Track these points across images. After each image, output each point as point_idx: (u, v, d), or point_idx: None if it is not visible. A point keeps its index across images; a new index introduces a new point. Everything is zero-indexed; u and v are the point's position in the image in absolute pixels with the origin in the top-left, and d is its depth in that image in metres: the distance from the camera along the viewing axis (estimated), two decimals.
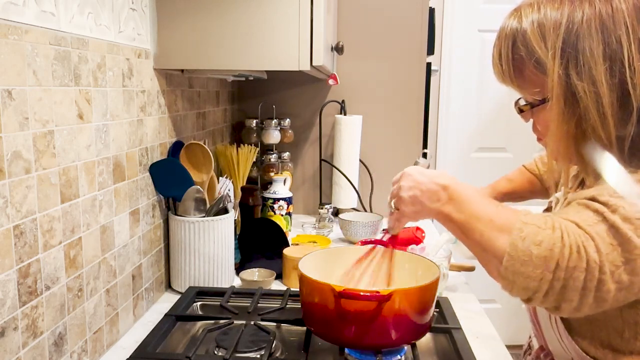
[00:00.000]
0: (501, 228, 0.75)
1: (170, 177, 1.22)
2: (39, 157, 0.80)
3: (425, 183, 0.83)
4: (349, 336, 0.90)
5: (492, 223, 0.76)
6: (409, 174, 0.87)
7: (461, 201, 0.80)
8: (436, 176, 0.84)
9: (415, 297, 0.90)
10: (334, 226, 1.78)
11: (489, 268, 0.78)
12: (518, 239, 0.73)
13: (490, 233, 0.75)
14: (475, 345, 1.02)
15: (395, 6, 1.94)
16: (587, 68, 0.77)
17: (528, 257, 0.71)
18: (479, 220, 0.77)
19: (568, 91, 0.79)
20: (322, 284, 0.89)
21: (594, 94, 0.77)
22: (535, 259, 0.71)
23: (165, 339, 1.03)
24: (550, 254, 0.70)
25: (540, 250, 0.71)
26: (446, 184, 0.82)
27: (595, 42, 0.77)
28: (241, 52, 1.21)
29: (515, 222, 0.74)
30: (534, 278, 0.71)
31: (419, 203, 0.84)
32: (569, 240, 0.71)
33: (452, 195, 0.81)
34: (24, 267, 0.77)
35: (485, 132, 2.87)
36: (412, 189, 0.85)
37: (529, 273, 0.71)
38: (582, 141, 0.81)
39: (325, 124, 2.00)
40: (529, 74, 0.83)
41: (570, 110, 0.80)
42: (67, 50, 0.86)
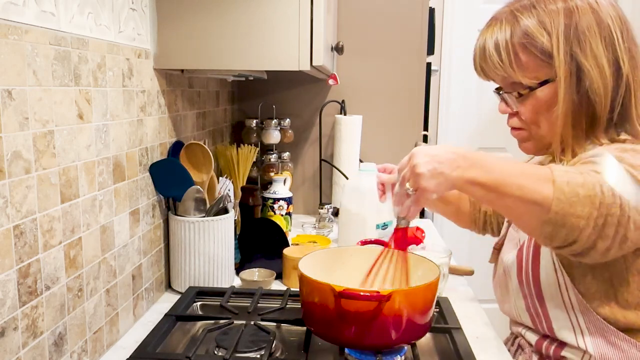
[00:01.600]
0: (541, 178, 0.79)
1: (170, 177, 1.22)
2: (39, 157, 0.80)
3: (441, 154, 0.83)
4: (349, 336, 0.90)
5: (530, 175, 0.80)
6: (419, 151, 0.85)
7: (485, 162, 0.81)
8: (448, 146, 0.85)
9: (415, 297, 0.90)
10: (334, 226, 1.78)
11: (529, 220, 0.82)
12: (563, 184, 0.77)
13: (531, 184, 0.79)
14: (475, 345, 1.02)
15: (395, 6, 1.94)
16: (588, 46, 0.91)
17: (576, 198, 0.77)
18: (514, 175, 0.80)
19: (574, 68, 0.92)
20: (322, 284, 0.89)
21: (597, 68, 0.91)
22: (583, 198, 0.77)
23: (165, 339, 1.03)
24: (594, 193, 0.77)
25: (585, 190, 0.77)
26: (462, 152, 0.83)
27: (592, 25, 0.92)
28: (241, 52, 1.21)
29: (552, 171, 0.79)
30: (583, 216, 0.77)
31: (440, 174, 0.82)
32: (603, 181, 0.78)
33: (474, 160, 0.82)
34: (24, 267, 0.77)
35: (485, 132, 2.87)
36: (429, 162, 0.83)
37: (578, 213, 0.77)
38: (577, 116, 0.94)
39: (325, 124, 2.00)
40: (528, 60, 0.94)
41: (577, 86, 0.92)
42: (67, 50, 0.86)
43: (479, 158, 0.82)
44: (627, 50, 0.93)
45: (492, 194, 0.81)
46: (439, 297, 1.16)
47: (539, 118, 0.98)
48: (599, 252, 0.79)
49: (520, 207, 0.80)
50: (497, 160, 0.82)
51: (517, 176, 0.79)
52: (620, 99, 0.93)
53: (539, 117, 0.98)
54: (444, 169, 0.82)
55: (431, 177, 0.83)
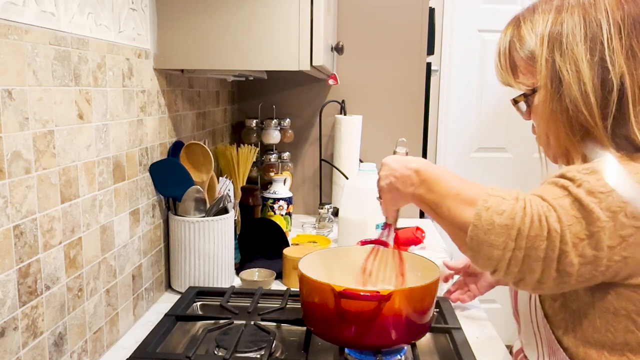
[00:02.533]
0: (467, 201, 0.78)
1: (170, 177, 1.22)
2: (39, 157, 0.80)
3: (398, 169, 0.88)
4: (349, 336, 0.90)
5: (459, 197, 0.79)
6: (385, 163, 0.91)
7: (431, 181, 0.84)
8: (409, 161, 0.88)
9: (415, 297, 0.90)
10: (334, 226, 1.78)
11: (457, 242, 0.82)
12: (482, 210, 0.76)
13: (457, 207, 0.79)
14: (475, 345, 1.02)
15: (395, 6, 1.94)
16: (569, 49, 0.84)
17: (491, 226, 0.74)
18: (447, 197, 0.81)
19: (554, 74, 0.85)
20: (322, 284, 0.89)
21: (575, 72, 0.83)
22: (498, 227, 0.74)
23: (165, 339, 1.03)
24: (512, 222, 0.73)
25: (502, 218, 0.74)
26: (417, 167, 0.86)
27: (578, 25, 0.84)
28: (241, 52, 1.21)
29: (481, 194, 0.78)
30: (497, 246, 0.74)
31: (395, 189, 0.88)
32: (530, 210, 0.74)
33: (423, 177, 0.85)
34: (24, 267, 0.77)
35: (485, 132, 2.87)
36: (388, 177, 0.89)
37: (492, 241, 0.74)
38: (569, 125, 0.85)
39: (325, 124, 2.00)
40: (521, 66, 0.90)
41: (555, 92, 0.85)
42: (67, 50, 0.86)
43: (428, 175, 0.84)
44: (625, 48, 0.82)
45: (432, 213, 0.84)
46: (439, 297, 1.16)
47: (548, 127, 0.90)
48: (529, 284, 0.75)
49: (449, 228, 0.82)
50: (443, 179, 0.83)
51: (449, 197, 0.80)
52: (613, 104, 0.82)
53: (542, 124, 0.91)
54: (398, 185, 0.88)
55: (388, 191, 0.90)
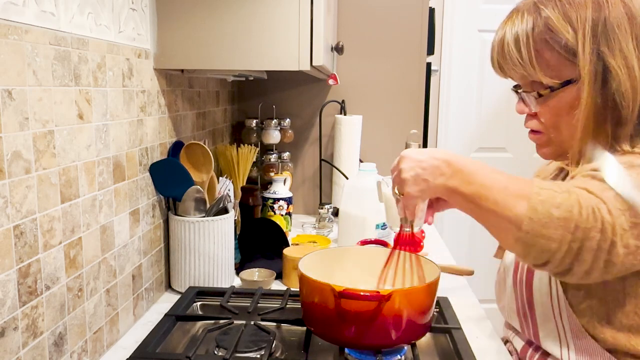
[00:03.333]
0: (517, 194, 0.76)
1: (170, 177, 1.22)
2: (39, 157, 0.80)
3: (425, 160, 0.83)
4: (349, 336, 0.90)
5: (507, 190, 0.77)
6: (407, 155, 0.86)
7: (468, 172, 0.80)
8: (434, 152, 0.84)
9: (415, 297, 0.90)
10: (334, 226, 1.78)
11: (504, 235, 0.79)
12: (537, 203, 0.74)
13: (506, 200, 0.76)
14: (475, 345, 1.02)
15: (395, 6, 1.94)
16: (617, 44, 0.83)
17: (549, 219, 0.73)
18: (491, 189, 0.78)
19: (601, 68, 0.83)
20: (322, 284, 0.89)
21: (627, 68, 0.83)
22: (556, 220, 0.73)
23: (165, 339, 1.03)
24: (570, 215, 0.73)
25: (560, 211, 0.73)
26: (446, 158, 0.82)
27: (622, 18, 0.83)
28: (241, 52, 1.21)
29: (532, 187, 0.76)
30: (555, 239, 0.73)
31: (423, 181, 0.83)
32: (584, 202, 0.73)
33: (456, 168, 0.81)
34: (24, 267, 0.77)
35: (485, 132, 2.87)
36: (413, 168, 0.84)
37: (550, 234, 0.73)
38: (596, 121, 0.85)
39: (325, 124, 2.00)
40: (550, 57, 0.86)
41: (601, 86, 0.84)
42: (67, 50, 0.86)
43: (462, 166, 0.81)
44: None
45: (471, 205, 0.80)
46: (439, 297, 1.16)
47: (559, 121, 0.90)
48: (576, 275, 0.76)
49: (495, 221, 0.79)
50: (481, 170, 0.80)
51: (495, 190, 0.77)
52: None
53: (559, 120, 0.90)
54: (427, 176, 0.83)
55: (414, 184, 0.84)
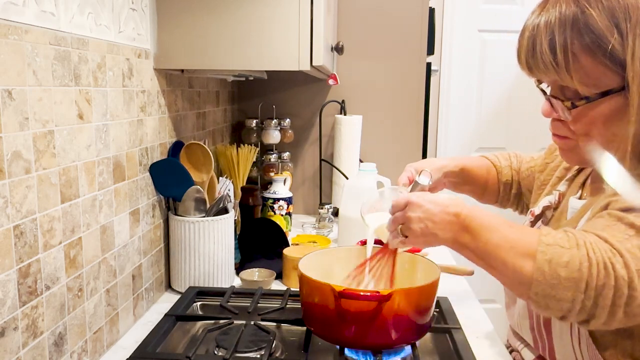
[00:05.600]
0: (524, 253, 0.73)
1: (170, 177, 1.22)
2: (39, 157, 0.80)
3: (436, 214, 0.80)
4: (349, 336, 0.90)
5: (514, 250, 0.74)
6: (417, 204, 0.82)
7: (476, 229, 0.78)
8: (446, 205, 0.80)
9: (415, 297, 0.90)
10: (333, 226, 1.78)
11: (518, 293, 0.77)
12: (544, 263, 0.71)
13: (513, 261, 0.73)
14: (475, 345, 1.02)
15: (395, 6, 1.94)
16: None
17: (556, 280, 0.70)
18: (498, 248, 0.75)
19: None
20: (322, 284, 0.89)
21: None
22: (565, 281, 0.70)
23: (165, 339, 1.03)
24: (579, 275, 0.69)
25: (568, 271, 0.70)
26: (458, 211, 0.79)
27: None
28: (241, 52, 1.21)
29: (538, 245, 0.72)
30: (566, 300, 0.70)
31: (431, 235, 0.81)
32: (595, 258, 0.69)
33: (465, 223, 0.78)
34: (24, 267, 0.77)
35: (485, 132, 2.87)
36: (423, 220, 0.81)
37: (560, 296, 0.70)
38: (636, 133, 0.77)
39: (325, 124, 2.00)
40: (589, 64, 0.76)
41: None
42: (67, 50, 0.86)
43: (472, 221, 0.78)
44: None
45: (480, 262, 0.79)
46: (439, 297, 1.16)
47: (592, 130, 0.82)
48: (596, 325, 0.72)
49: (505, 280, 0.77)
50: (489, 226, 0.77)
51: (503, 250, 0.75)
52: None
53: (592, 129, 0.82)
54: (436, 231, 0.80)
55: (421, 235, 0.82)
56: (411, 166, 1.11)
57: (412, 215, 0.82)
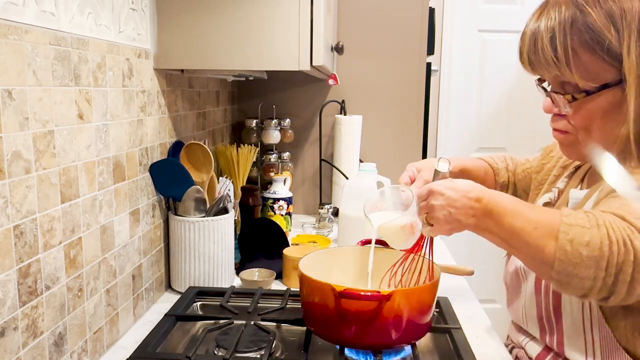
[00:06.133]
0: (546, 234, 0.75)
1: (170, 177, 1.22)
2: (39, 157, 0.80)
3: (458, 199, 0.82)
4: (349, 336, 0.90)
5: (537, 231, 0.76)
6: (439, 192, 0.84)
7: (498, 213, 0.79)
8: (467, 191, 0.82)
9: (416, 297, 0.90)
10: (333, 226, 1.78)
11: (540, 273, 0.79)
12: (566, 243, 0.73)
13: (536, 241, 0.76)
14: (475, 345, 1.02)
15: (395, 6, 1.94)
16: None
17: (579, 259, 0.72)
18: (522, 231, 0.77)
19: None
20: (323, 284, 0.89)
21: None
22: (587, 260, 0.72)
23: (165, 339, 1.03)
24: (600, 253, 0.72)
25: (589, 250, 0.72)
26: (480, 196, 0.81)
27: None
28: (241, 52, 1.21)
29: (559, 225, 0.74)
30: (588, 278, 0.73)
31: (455, 221, 0.83)
32: (615, 236, 0.72)
33: (488, 208, 0.80)
34: (24, 267, 0.77)
35: (485, 132, 2.87)
36: (445, 207, 0.83)
37: (582, 274, 0.73)
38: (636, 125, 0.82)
39: (325, 124, 2.00)
40: (588, 59, 0.82)
41: None
42: (67, 50, 0.86)
43: (494, 206, 0.80)
44: None
45: (503, 244, 0.81)
46: (439, 297, 1.16)
47: (591, 124, 0.87)
48: (615, 302, 0.75)
49: (528, 260, 0.79)
50: (510, 210, 0.79)
51: (525, 232, 0.77)
52: None
53: (591, 123, 0.86)
54: (459, 217, 0.82)
55: (445, 222, 0.84)
56: (412, 166, 1.11)
57: (435, 204, 0.84)
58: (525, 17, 0.93)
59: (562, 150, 0.96)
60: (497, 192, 0.82)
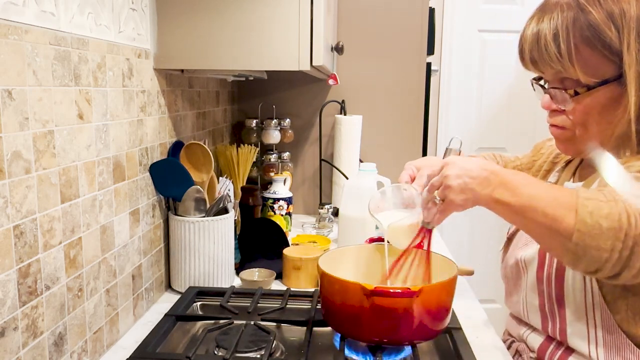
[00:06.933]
0: (565, 206, 0.76)
1: (170, 177, 1.22)
2: (39, 157, 0.80)
3: (474, 169, 0.82)
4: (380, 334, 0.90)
5: (556, 201, 0.77)
6: (454, 162, 0.84)
7: (515, 185, 0.80)
8: (482, 162, 0.83)
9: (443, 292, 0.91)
10: (333, 226, 1.78)
11: (554, 245, 0.80)
12: (586, 215, 0.75)
13: (554, 212, 0.77)
14: (475, 345, 1.02)
15: (395, 6, 1.94)
16: None
17: (599, 230, 0.74)
18: (539, 201, 0.78)
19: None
20: (352, 284, 0.89)
21: None
22: (606, 231, 0.74)
23: (165, 339, 1.03)
24: (619, 225, 0.73)
25: (609, 222, 0.74)
26: (494, 169, 0.82)
27: None
28: (241, 52, 1.21)
29: (577, 199, 0.76)
30: (606, 249, 0.74)
31: (470, 190, 0.82)
32: (632, 209, 0.74)
33: (504, 179, 0.81)
34: (24, 267, 0.77)
35: (485, 132, 2.87)
36: (461, 176, 0.82)
37: (600, 245, 0.74)
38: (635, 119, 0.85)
39: (325, 124, 2.00)
40: (590, 55, 0.85)
41: None
42: (67, 50, 0.86)
43: (511, 178, 0.81)
44: None
45: (517, 217, 0.81)
46: None
47: (589, 120, 0.89)
48: (625, 278, 0.76)
49: (543, 232, 0.79)
50: (526, 182, 0.80)
51: (544, 202, 0.77)
52: None
53: (589, 119, 0.89)
54: (474, 186, 0.81)
55: (460, 192, 0.83)
56: (411, 164, 1.11)
57: (451, 173, 0.83)
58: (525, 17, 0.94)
59: (559, 146, 0.98)
60: (510, 170, 0.84)
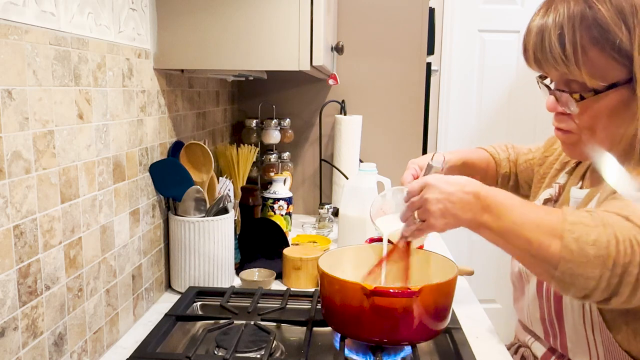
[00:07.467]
0: (549, 232, 0.72)
1: (170, 177, 1.22)
2: (39, 157, 0.80)
3: (455, 193, 0.78)
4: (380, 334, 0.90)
5: (540, 228, 0.73)
6: (434, 184, 0.81)
7: (499, 209, 0.76)
8: (464, 184, 0.79)
9: (442, 291, 0.91)
10: (333, 226, 1.78)
11: (539, 272, 0.76)
12: (571, 242, 0.71)
13: (539, 239, 0.72)
14: (475, 345, 1.02)
15: (395, 6, 1.94)
16: None
17: (585, 258, 0.70)
18: (523, 227, 0.74)
19: None
20: (352, 284, 0.89)
21: None
22: (593, 259, 0.70)
23: (165, 339, 1.03)
24: (607, 252, 0.69)
25: (596, 249, 0.70)
26: (477, 191, 0.78)
27: None
28: (241, 52, 1.21)
29: (563, 224, 0.72)
30: (593, 277, 0.70)
31: (451, 215, 0.79)
32: (622, 235, 0.70)
33: (486, 203, 0.77)
34: (24, 267, 0.77)
35: (485, 132, 2.87)
36: (441, 201, 0.79)
37: (587, 274, 0.70)
38: None
39: (325, 124, 2.00)
40: (597, 57, 0.79)
41: None
42: (67, 50, 0.86)
43: (492, 201, 0.77)
44: None
45: (501, 241, 0.77)
46: None
47: (596, 124, 0.84)
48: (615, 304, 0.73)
49: (528, 259, 0.76)
50: (510, 206, 0.76)
51: (527, 228, 0.74)
52: None
53: (596, 123, 0.84)
54: (456, 211, 0.78)
55: (441, 217, 0.80)
56: (414, 162, 1.10)
57: (430, 197, 0.80)
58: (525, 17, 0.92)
59: (565, 149, 0.94)
60: (494, 188, 0.79)
